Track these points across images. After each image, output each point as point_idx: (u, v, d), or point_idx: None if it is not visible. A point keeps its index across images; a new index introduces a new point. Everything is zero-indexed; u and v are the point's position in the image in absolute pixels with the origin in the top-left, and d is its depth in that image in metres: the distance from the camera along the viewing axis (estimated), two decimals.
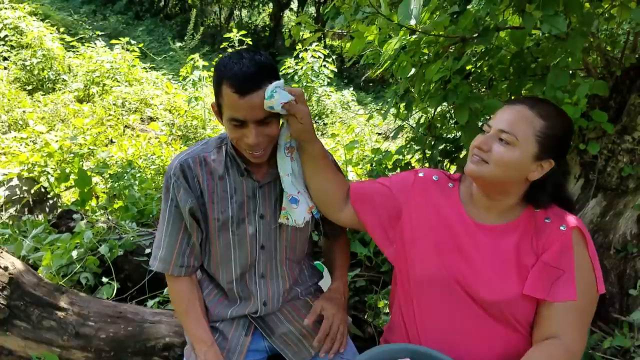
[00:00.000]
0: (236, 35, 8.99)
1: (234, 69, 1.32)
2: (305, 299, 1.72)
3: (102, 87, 7.33)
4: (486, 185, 1.37)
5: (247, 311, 1.62)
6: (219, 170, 1.52)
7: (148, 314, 2.04)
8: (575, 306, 1.27)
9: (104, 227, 2.89)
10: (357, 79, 16.29)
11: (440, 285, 1.38)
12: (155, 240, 1.58)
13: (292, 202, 1.53)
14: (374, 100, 12.68)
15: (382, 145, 6.68)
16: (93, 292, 2.57)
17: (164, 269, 1.55)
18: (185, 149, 1.61)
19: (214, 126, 6.97)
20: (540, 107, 1.30)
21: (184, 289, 1.58)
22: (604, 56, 2.28)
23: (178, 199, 1.49)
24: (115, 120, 6.53)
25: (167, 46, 13.65)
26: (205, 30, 14.44)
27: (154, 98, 7.64)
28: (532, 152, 1.28)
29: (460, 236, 1.40)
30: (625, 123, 2.17)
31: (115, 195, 3.74)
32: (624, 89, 2.21)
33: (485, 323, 1.35)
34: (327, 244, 1.86)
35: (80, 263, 2.55)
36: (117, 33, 13.49)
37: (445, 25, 2.28)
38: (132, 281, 2.64)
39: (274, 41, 18.53)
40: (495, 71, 2.62)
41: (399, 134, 3.21)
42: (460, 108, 2.22)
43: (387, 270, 2.96)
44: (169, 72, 10.94)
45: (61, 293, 1.98)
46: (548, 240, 1.32)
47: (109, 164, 4.22)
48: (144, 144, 5.76)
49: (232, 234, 1.53)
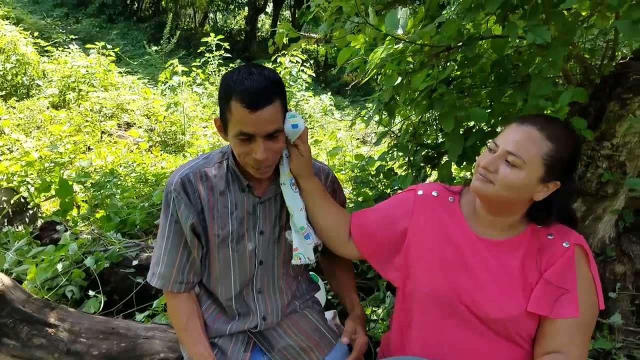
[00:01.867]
0: (213, 40, 8.95)
1: (245, 84, 1.31)
2: (304, 312, 1.71)
3: (78, 92, 7.19)
4: (491, 204, 1.37)
5: (247, 326, 1.61)
6: (220, 185, 1.51)
7: (141, 329, 2.01)
8: (578, 322, 1.29)
9: (89, 238, 2.84)
10: (334, 82, 16.35)
11: (444, 303, 1.39)
12: (153, 255, 1.56)
13: (307, 238, 1.54)
14: (351, 105, 12.71)
15: (361, 151, 6.74)
16: (79, 306, 2.53)
17: (163, 285, 1.53)
18: (186, 162, 1.60)
19: (193, 132, 6.90)
20: (549, 128, 1.29)
21: (184, 306, 1.56)
22: (582, 64, 2.33)
23: (179, 214, 1.47)
24: (92, 127, 6.42)
25: (141, 50, 13.49)
26: (181, 33, 14.31)
27: (130, 103, 7.54)
28: (539, 174, 1.28)
29: (464, 252, 1.40)
30: (604, 130, 2.23)
31: (97, 205, 3.68)
32: (603, 96, 2.25)
33: (488, 339, 1.36)
34: (327, 263, 1.85)
35: (66, 276, 2.51)
36: (91, 37, 13.31)
37: (431, 34, 2.31)
38: (118, 294, 2.61)
39: (249, 45, 18.47)
40: (476, 79, 2.66)
41: (381, 140, 3.23)
42: (446, 116, 2.25)
43: (373, 276, 2.98)
44: (145, 76, 10.80)
45: (51, 309, 1.95)
46: (552, 258, 1.33)
47: (89, 173, 4.15)
48: (124, 151, 5.68)
49: (231, 250, 1.52)
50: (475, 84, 2.67)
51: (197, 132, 6.96)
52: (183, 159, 5.90)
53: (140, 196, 4.27)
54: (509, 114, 2.47)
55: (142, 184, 4.53)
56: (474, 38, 2.25)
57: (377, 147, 3.94)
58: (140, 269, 2.68)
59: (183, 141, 6.71)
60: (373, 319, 2.68)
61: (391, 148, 3.23)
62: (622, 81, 2.17)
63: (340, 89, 15.68)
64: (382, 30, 2.20)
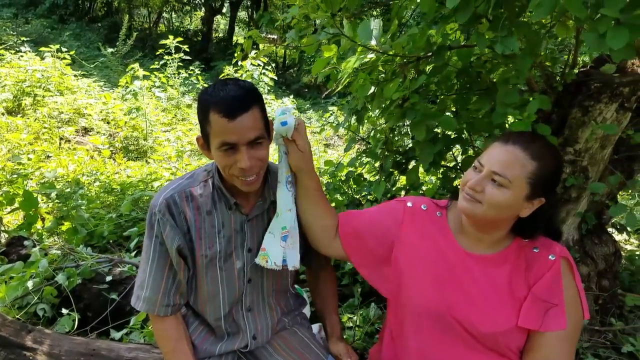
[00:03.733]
0: (172, 42, 8.82)
1: (220, 95, 1.32)
2: (294, 328, 1.72)
3: (34, 97, 6.93)
4: (478, 222, 1.40)
5: (237, 346, 1.60)
6: (206, 205, 1.49)
7: (123, 350, 1.97)
8: (565, 334, 1.35)
9: (59, 253, 2.77)
10: (294, 84, 16.33)
11: (436, 319, 1.41)
12: (137, 278, 1.53)
13: (283, 240, 1.51)
14: (312, 107, 12.70)
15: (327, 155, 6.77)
16: (51, 324, 2.47)
17: (148, 309, 1.50)
18: (168, 182, 1.57)
19: (155, 137, 6.77)
20: (533, 147, 1.32)
21: (171, 329, 1.54)
22: (544, 72, 2.41)
23: (164, 236, 1.45)
24: (50, 133, 6.21)
25: (96, 52, 13.12)
26: (137, 34, 14.00)
27: (87, 107, 7.33)
28: (524, 193, 1.32)
29: (455, 268, 1.43)
30: (567, 136, 2.31)
31: (62, 217, 3.58)
32: (565, 103, 2.33)
33: (478, 352, 1.40)
34: (312, 275, 1.85)
35: (37, 294, 2.45)
36: (43, 38, 12.85)
37: (403, 45, 2.35)
38: (92, 311, 2.55)
39: (207, 46, 18.24)
40: (442, 86, 2.72)
41: (351, 146, 3.28)
42: (418, 125, 2.30)
43: (348, 283, 3.02)
44: (101, 79, 10.52)
45: (27, 332, 1.89)
46: (539, 271, 1.37)
47: (54, 184, 4.02)
48: (87, 159, 5.52)
49: (219, 270, 1.51)
50: (442, 91, 2.74)
51: (160, 138, 6.83)
52: (147, 165, 5.79)
53: (106, 206, 4.17)
54: (474, 120, 2.55)
55: (107, 193, 4.43)
56: (442, 48, 2.30)
57: (336, 148, 3.99)
58: (114, 284, 2.63)
59: (146, 147, 6.57)
60: (349, 326, 2.71)
61: (360, 154, 3.27)
62: (584, 89, 2.25)
63: (301, 91, 15.68)
64: (357, 41, 2.23)
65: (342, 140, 8.75)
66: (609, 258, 2.53)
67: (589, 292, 2.44)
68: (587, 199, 2.41)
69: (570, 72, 2.28)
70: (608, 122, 2.18)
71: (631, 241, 4.43)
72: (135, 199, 4.05)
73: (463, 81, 2.59)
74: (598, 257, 2.50)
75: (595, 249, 2.50)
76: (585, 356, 2.25)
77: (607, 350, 2.34)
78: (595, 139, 2.25)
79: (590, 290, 2.45)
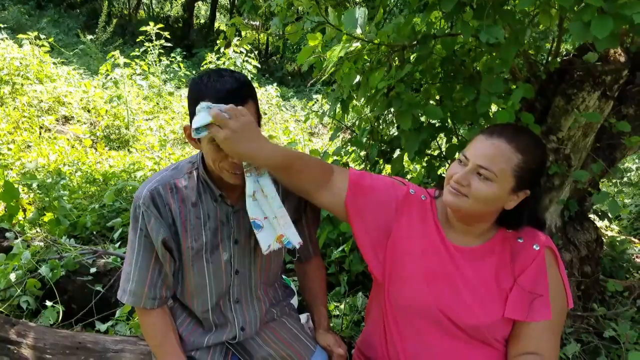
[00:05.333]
0: (153, 29, 8.69)
1: (216, 87, 1.30)
2: (282, 319, 1.72)
3: (12, 85, 6.79)
4: (463, 215, 1.41)
5: (225, 338, 1.59)
6: (191, 196, 1.47)
7: (109, 342, 1.96)
8: (550, 324, 1.37)
9: (41, 245, 2.73)
10: (277, 72, 16.23)
11: (423, 312, 1.42)
12: (123, 272, 1.51)
13: (255, 227, 1.45)
14: (296, 95, 12.65)
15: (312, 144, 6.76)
16: (35, 317, 2.44)
17: (134, 302, 1.49)
18: (152, 175, 1.55)
19: (137, 126, 6.69)
20: (517, 140, 1.32)
21: (157, 322, 1.53)
22: (528, 60, 2.42)
23: (149, 228, 1.43)
24: (30, 123, 6.10)
25: (75, 39, 12.90)
26: (117, 21, 13.78)
27: (67, 96, 7.21)
28: (510, 186, 1.32)
29: (444, 262, 1.43)
30: (550, 124, 2.33)
31: (44, 208, 3.53)
32: (548, 92, 2.35)
33: (464, 343, 1.41)
34: (300, 267, 1.84)
35: (20, 286, 2.42)
36: (20, 25, 12.60)
37: (388, 34, 2.35)
38: (76, 303, 2.53)
39: (188, 33, 18.03)
40: (427, 76, 2.73)
41: (337, 135, 3.27)
42: (404, 114, 2.30)
43: (334, 272, 3.03)
44: (80, 66, 10.35)
45: (12, 325, 1.87)
46: (524, 262, 1.39)
47: (35, 174, 3.96)
48: (68, 149, 5.43)
49: (206, 262, 1.50)
50: (426, 80, 2.74)
51: (142, 126, 6.75)
52: (130, 155, 5.73)
53: (89, 197, 4.13)
54: (458, 109, 2.56)
55: (90, 184, 4.37)
56: (427, 37, 2.30)
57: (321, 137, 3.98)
58: (98, 276, 2.61)
59: (128, 136, 6.50)
60: (336, 314, 2.72)
61: (346, 143, 3.27)
62: (567, 77, 2.27)
63: (284, 79, 15.58)
64: (342, 29, 2.22)
65: (327, 129, 8.74)
66: (590, 244, 2.56)
67: (571, 278, 2.48)
68: (569, 187, 2.44)
69: (554, 61, 2.29)
70: (590, 110, 2.20)
71: (612, 227, 4.52)
72: (119, 189, 4.01)
73: (447, 70, 2.59)
74: (580, 243, 2.53)
75: (577, 235, 2.53)
76: (568, 341, 2.28)
77: (589, 335, 2.39)
78: (578, 127, 2.27)
79: (572, 277, 2.49)
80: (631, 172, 6.11)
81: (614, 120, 2.27)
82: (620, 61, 2.21)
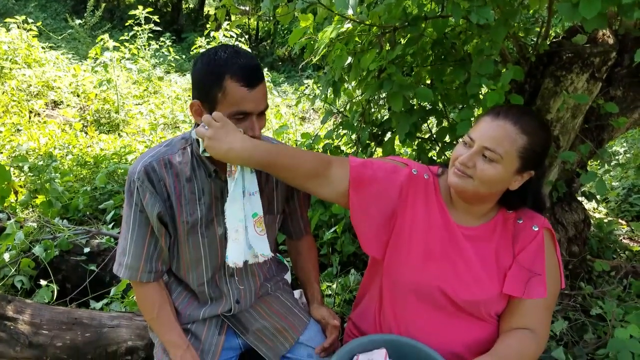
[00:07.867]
0: (142, 13, 8.60)
1: (239, 63, 1.32)
2: (276, 294, 1.75)
3: (1, 70, 6.73)
4: (468, 196, 1.42)
5: (220, 311, 1.62)
6: (185, 172, 1.48)
7: (105, 318, 1.98)
8: (544, 302, 1.41)
9: (35, 226, 2.74)
10: (267, 57, 16.13)
11: (421, 291, 1.44)
12: (118, 246, 1.53)
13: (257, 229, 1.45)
14: (287, 80, 12.59)
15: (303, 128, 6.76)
16: (30, 296, 2.46)
17: (131, 276, 1.51)
18: (145, 150, 1.56)
19: (128, 110, 6.66)
20: (523, 122, 1.33)
21: (153, 295, 1.55)
22: (517, 43, 2.44)
23: (144, 203, 1.45)
24: (20, 107, 6.06)
25: (63, 23, 12.77)
26: (105, 5, 13.62)
27: (56, 80, 7.15)
28: (515, 167, 1.33)
29: (446, 241, 1.45)
30: (539, 106, 2.35)
31: (36, 190, 3.53)
32: (538, 73, 2.37)
33: (459, 319, 1.45)
34: (293, 245, 1.87)
35: (14, 266, 2.43)
36: (7, 9, 12.45)
37: (380, 15, 2.36)
38: (70, 282, 2.55)
39: (177, 17, 17.86)
40: (418, 58, 2.74)
41: (328, 118, 3.29)
42: (395, 96, 2.31)
43: (326, 253, 3.06)
44: (69, 51, 10.25)
45: (7, 302, 1.88)
46: (524, 241, 1.42)
47: (26, 157, 3.94)
48: (58, 133, 5.41)
49: (201, 236, 1.52)
50: (417, 62, 2.76)
51: (132, 110, 6.72)
52: (120, 139, 5.71)
53: (80, 179, 4.13)
54: (448, 91, 2.58)
55: (81, 167, 4.36)
56: (418, 18, 2.31)
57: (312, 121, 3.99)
58: (92, 256, 2.63)
59: (118, 120, 6.47)
60: (328, 294, 2.76)
61: (337, 126, 3.29)
62: (556, 59, 2.28)
63: (274, 64, 15.49)
64: (334, 10, 2.23)
65: (318, 114, 8.73)
66: (578, 225, 2.60)
67: None
68: (558, 168, 2.46)
69: (543, 43, 2.30)
70: (579, 92, 2.22)
71: (599, 210, 4.58)
72: (110, 172, 4.01)
73: (438, 52, 2.61)
74: (568, 224, 2.57)
75: (565, 216, 2.57)
76: (556, 319, 2.32)
77: (576, 313, 2.44)
78: (567, 109, 2.30)
79: (561, 256, 2.54)
80: (619, 155, 6.18)
81: (602, 102, 2.30)
82: (608, 43, 2.23)
